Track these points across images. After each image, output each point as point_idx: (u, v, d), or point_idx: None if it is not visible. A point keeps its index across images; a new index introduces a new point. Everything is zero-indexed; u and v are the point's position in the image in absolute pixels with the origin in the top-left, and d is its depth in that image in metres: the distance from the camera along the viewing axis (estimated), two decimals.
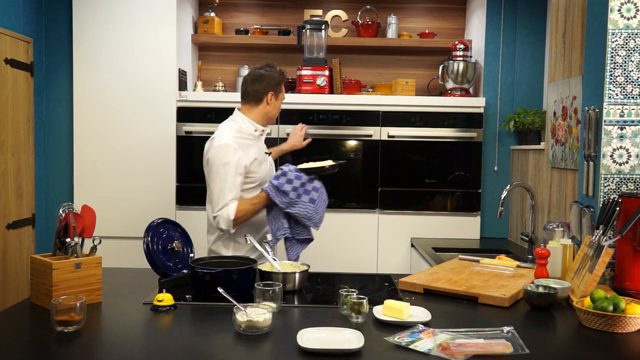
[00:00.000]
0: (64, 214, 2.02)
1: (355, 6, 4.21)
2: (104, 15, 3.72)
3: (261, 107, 2.68)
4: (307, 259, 2.65)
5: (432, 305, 2.03)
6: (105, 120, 3.76)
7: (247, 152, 2.60)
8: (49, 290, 1.93)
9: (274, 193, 2.54)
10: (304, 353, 1.58)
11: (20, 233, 3.62)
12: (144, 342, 1.74)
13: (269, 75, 2.67)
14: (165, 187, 3.78)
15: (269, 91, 2.67)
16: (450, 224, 3.84)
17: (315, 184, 2.62)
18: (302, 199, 2.56)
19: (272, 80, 2.67)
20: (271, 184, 2.57)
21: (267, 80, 2.66)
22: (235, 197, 2.56)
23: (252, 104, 2.69)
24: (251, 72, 2.71)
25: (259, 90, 2.66)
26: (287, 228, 2.59)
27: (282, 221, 2.58)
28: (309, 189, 2.59)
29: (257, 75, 2.67)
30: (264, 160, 2.72)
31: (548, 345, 1.72)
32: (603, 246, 2.05)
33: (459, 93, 3.91)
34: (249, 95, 2.68)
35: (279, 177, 2.57)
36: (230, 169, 2.54)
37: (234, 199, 2.56)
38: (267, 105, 2.68)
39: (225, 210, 2.53)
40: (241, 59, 4.22)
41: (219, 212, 2.54)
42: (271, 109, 2.70)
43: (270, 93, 2.67)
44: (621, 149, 2.35)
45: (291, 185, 2.55)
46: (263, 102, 2.68)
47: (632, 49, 2.32)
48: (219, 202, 2.54)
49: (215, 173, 2.55)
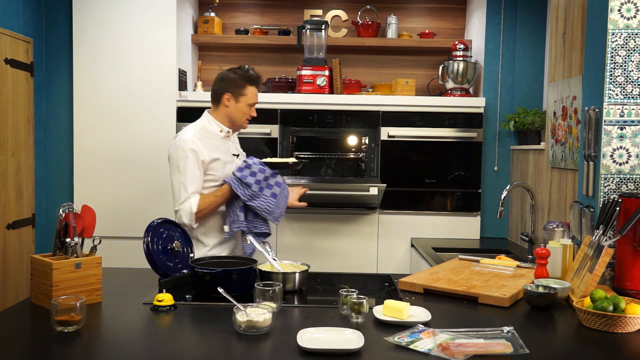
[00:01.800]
0: (64, 214, 2.02)
1: (355, 6, 4.21)
2: (103, 16, 3.72)
3: (221, 108, 2.68)
4: (307, 259, 2.65)
5: (432, 305, 2.03)
6: (105, 120, 3.76)
7: (209, 150, 2.60)
8: (49, 290, 1.93)
9: (237, 185, 2.56)
10: (304, 353, 1.58)
11: (20, 233, 3.62)
12: (144, 342, 1.74)
13: (229, 77, 2.65)
14: (165, 187, 3.75)
15: (226, 92, 2.64)
16: (450, 224, 3.84)
17: (278, 178, 2.65)
18: (264, 193, 2.59)
19: (231, 82, 2.64)
20: (234, 175, 2.58)
21: (226, 82, 2.65)
22: (196, 190, 2.56)
23: (214, 104, 2.70)
24: (218, 73, 2.72)
25: (217, 90, 2.67)
26: (242, 221, 2.59)
27: (237, 214, 2.58)
28: (271, 183, 2.61)
29: (219, 76, 2.69)
30: (229, 162, 2.69)
31: (548, 345, 1.72)
32: (603, 246, 2.05)
33: (459, 93, 3.91)
34: (212, 96, 2.71)
35: (242, 169, 2.59)
36: (189, 162, 2.54)
37: (196, 192, 2.56)
38: (225, 107, 2.66)
39: (187, 204, 2.54)
40: (241, 59, 4.22)
41: (181, 205, 2.55)
42: (231, 111, 2.66)
43: (226, 94, 2.64)
44: (621, 149, 2.35)
45: (254, 178, 2.57)
46: (221, 104, 2.67)
47: (632, 49, 2.32)
48: (180, 196, 2.55)
49: (175, 167, 2.57)
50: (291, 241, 3.80)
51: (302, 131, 3.84)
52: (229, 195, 2.60)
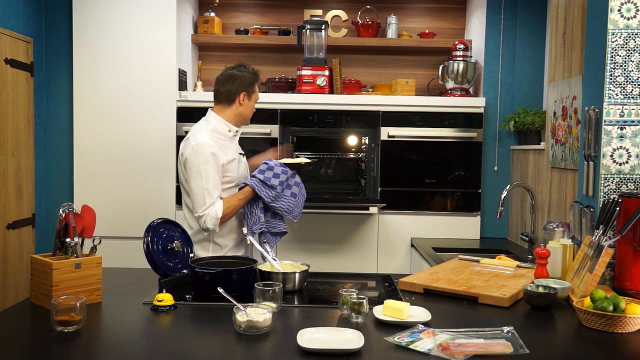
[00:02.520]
0: (64, 214, 2.02)
1: (355, 6, 4.21)
2: (104, 15, 3.72)
3: (234, 107, 2.68)
4: (307, 259, 2.65)
5: (432, 305, 2.03)
6: (105, 120, 3.76)
7: (224, 151, 2.61)
8: (49, 290, 1.93)
9: (260, 187, 2.57)
10: (304, 353, 1.58)
11: (20, 233, 3.62)
12: (144, 342, 1.74)
13: (241, 75, 2.66)
14: (165, 187, 3.78)
15: (242, 92, 2.66)
16: (450, 224, 3.84)
17: (297, 178, 2.71)
18: (284, 193, 2.63)
19: (244, 80, 2.66)
20: (256, 178, 2.59)
21: (239, 81, 2.66)
22: (219, 195, 2.57)
23: (225, 104, 2.68)
24: (223, 72, 2.70)
25: (230, 90, 2.66)
26: (263, 222, 2.61)
27: (258, 215, 2.60)
28: (291, 183, 2.67)
29: (229, 76, 2.67)
30: (240, 161, 2.72)
31: (548, 345, 1.72)
32: (603, 246, 2.05)
33: (459, 93, 3.91)
34: (221, 96, 2.68)
35: (264, 171, 2.61)
36: (210, 167, 2.53)
37: (219, 197, 2.56)
38: (239, 106, 2.68)
39: (212, 209, 2.53)
40: (241, 59, 4.17)
41: (206, 211, 2.52)
42: (244, 109, 2.70)
43: (242, 93, 2.66)
44: (621, 149, 2.35)
45: (278, 179, 2.60)
46: (235, 103, 2.67)
47: (632, 49, 2.32)
48: (205, 202, 2.52)
49: (195, 173, 2.53)
50: (291, 241, 3.80)
51: (302, 131, 3.84)
52: (251, 197, 2.60)
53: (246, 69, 2.70)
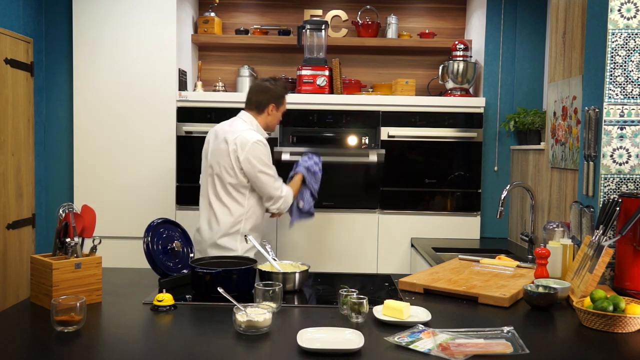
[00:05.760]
0: (64, 214, 2.02)
1: (355, 6, 4.21)
2: (103, 16, 3.72)
3: (262, 116, 2.96)
4: (307, 259, 2.65)
5: (432, 305, 2.03)
6: (105, 120, 3.76)
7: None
8: (49, 290, 1.93)
9: (307, 174, 3.06)
10: (304, 353, 1.58)
11: (20, 233, 3.62)
12: (144, 342, 1.74)
13: (273, 89, 2.96)
14: (165, 187, 3.78)
15: (271, 103, 2.95)
16: (450, 224, 3.84)
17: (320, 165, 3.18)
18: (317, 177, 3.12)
19: (276, 93, 2.96)
20: (302, 166, 3.07)
21: (271, 93, 2.94)
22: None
23: (255, 112, 2.96)
24: (258, 84, 2.99)
25: (262, 101, 2.94)
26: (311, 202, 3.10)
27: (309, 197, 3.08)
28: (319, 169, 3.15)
29: (263, 87, 2.95)
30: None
31: (548, 345, 1.72)
32: (603, 246, 2.05)
33: (459, 93, 3.91)
34: (253, 104, 2.96)
35: (306, 160, 3.11)
36: (271, 160, 2.88)
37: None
38: (267, 116, 2.96)
39: (286, 193, 2.91)
40: (241, 59, 4.22)
41: (284, 193, 2.89)
42: (272, 119, 2.99)
43: (272, 105, 2.95)
44: (621, 149, 2.35)
45: (318, 166, 3.11)
46: (264, 113, 2.95)
47: (632, 49, 2.32)
48: (281, 188, 2.90)
49: (264, 165, 2.82)
50: (291, 241, 3.80)
51: (302, 131, 3.84)
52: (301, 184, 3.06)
53: (279, 82, 3.01)
